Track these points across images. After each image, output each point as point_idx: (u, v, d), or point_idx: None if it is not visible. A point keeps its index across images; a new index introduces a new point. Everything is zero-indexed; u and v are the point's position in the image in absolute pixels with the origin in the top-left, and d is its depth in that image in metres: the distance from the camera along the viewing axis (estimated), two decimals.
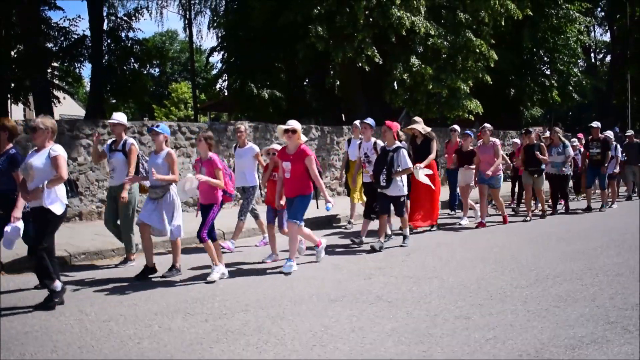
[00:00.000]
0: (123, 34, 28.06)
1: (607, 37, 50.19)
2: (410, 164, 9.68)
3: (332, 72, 22.03)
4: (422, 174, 10.33)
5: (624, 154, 16.86)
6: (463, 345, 4.88)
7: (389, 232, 10.26)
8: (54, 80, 26.86)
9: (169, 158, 7.87)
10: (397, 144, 9.72)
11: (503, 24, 21.47)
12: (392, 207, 10.00)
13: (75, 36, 26.63)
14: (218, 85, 33.44)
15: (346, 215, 12.47)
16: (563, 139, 14.04)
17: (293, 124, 8.20)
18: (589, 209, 14.43)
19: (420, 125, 11.53)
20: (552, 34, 27.81)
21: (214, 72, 35.89)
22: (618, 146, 16.13)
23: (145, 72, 33.83)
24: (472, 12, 20.49)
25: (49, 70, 25.63)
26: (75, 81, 33.29)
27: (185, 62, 62.37)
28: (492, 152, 12.10)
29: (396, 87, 20.07)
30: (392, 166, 9.48)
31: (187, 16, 35.06)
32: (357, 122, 11.65)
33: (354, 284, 7.17)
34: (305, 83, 28.69)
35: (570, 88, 28.98)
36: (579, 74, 29.90)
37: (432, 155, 11.04)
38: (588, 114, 55.03)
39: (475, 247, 9.56)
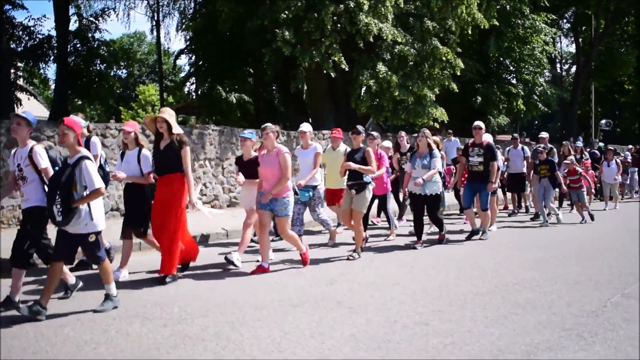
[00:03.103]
0: (90, 35, 27.76)
1: (572, 48, 51.07)
2: (100, 184, 6.06)
3: (298, 77, 22.05)
4: (201, 204, 8.14)
5: (505, 164, 14.40)
6: (421, 351, 4.90)
7: (72, 281, 6.86)
8: (17, 81, 26.44)
9: None
10: (83, 152, 6.18)
11: (470, 32, 21.74)
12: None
13: (40, 36, 26.28)
14: (186, 89, 33.27)
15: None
16: (433, 145, 10.42)
17: None
18: (473, 234, 11.34)
19: (172, 118, 7.77)
20: (518, 44, 28.17)
21: (182, 74, 35.66)
22: (499, 153, 12.59)
23: (112, 73, 33.52)
24: (439, 21, 20.71)
25: (12, 71, 25.23)
26: (41, 82, 32.86)
27: (153, 64, 61.89)
28: (276, 164, 8.14)
29: (362, 94, 20.17)
30: (73, 189, 5.94)
31: (155, 18, 34.78)
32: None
33: (316, 289, 7.16)
34: (273, 88, 28.72)
35: (536, 98, 29.38)
36: (544, 84, 30.34)
37: (189, 170, 7.68)
38: (553, 123, 56.10)
39: (438, 254, 9.61)
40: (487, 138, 11.79)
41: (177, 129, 7.71)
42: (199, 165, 14.69)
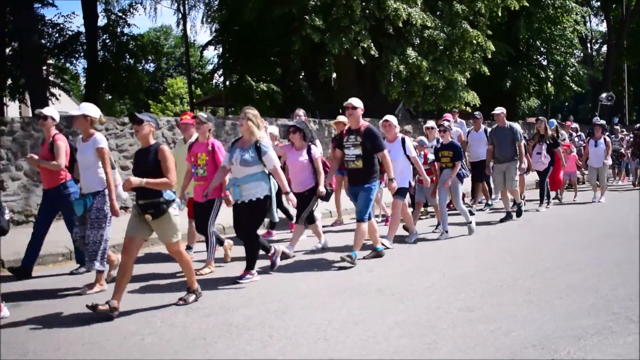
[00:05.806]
0: (118, 30, 28.05)
1: (603, 27, 50.23)
2: None
3: (326, 65, 22.08)
4: None
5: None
6: (466, 338, 4.87)
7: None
8: (50, 77, 26.83)
9: None
10: None
11: (499, 14, 21.47)
12: None
13: (70, 32, 26.61)
14: (214, 80, 33.40)
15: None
16: (259, 133, 6.92)
17: None
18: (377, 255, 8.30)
19: None
20: (549, 24, 27.79)
21: (210, 66, 35.85)
22: (408, 140, 9.10)
23: (140, 67, 33.81)
24: (468, 3, 20.48)
25: (44, 67, 25.59)
26: (72, 78, 33.32)
27: (180, 57, 62.28)
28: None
29: (392, 79, 20.05)
30: None
31: (182, 11, 34.93)
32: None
33: (355, 277, 7.16)
34: (301, 77, 28.70)
35: (567, 79, 28.95)
36: (575, 64, 29.89)
37: None
38: (585, 104, 55.22)
39: (475, 239, 9.55)
40: (392, 120, 9.04)
41: None
42: None
